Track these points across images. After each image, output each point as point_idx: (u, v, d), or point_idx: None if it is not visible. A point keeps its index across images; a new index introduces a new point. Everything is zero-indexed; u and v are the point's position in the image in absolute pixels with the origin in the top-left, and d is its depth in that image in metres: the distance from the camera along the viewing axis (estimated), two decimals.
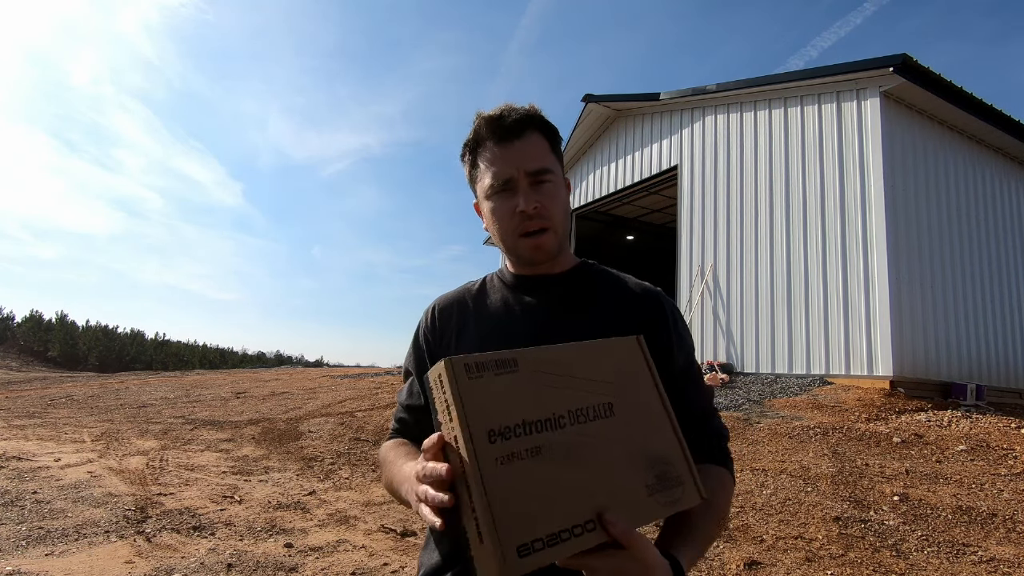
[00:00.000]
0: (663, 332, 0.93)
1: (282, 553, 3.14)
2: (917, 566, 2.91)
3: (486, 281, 1.06)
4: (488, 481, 0.57)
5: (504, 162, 0.91)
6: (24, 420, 7.02)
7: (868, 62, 7.42)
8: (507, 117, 0.92)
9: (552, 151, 0.95)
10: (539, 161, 0.92)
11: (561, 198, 0.95)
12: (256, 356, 30.72)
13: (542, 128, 0.94)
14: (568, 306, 0.96)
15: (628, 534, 0.61)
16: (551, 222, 0.92)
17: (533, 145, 0.92)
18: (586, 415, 0.65)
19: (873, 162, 7.49)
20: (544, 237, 0.92)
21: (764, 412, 6.17)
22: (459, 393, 0.61)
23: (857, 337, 7.39)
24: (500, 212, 0.93)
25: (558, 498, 0.60)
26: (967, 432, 5.33)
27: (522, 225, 0.91)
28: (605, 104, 11.88)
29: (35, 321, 25.06)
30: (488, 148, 0.93)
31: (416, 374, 1.04)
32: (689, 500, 0.67)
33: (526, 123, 0.92)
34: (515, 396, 0.63)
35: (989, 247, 8.66)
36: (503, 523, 0.56)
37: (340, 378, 11.06)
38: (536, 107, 0.96)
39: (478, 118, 0.94)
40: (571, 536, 0.59)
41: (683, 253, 10.21)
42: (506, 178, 0.91)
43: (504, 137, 0.92)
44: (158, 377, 13.79)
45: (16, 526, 3.35)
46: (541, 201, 0.91)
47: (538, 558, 0.56)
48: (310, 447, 5.75)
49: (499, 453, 0.59)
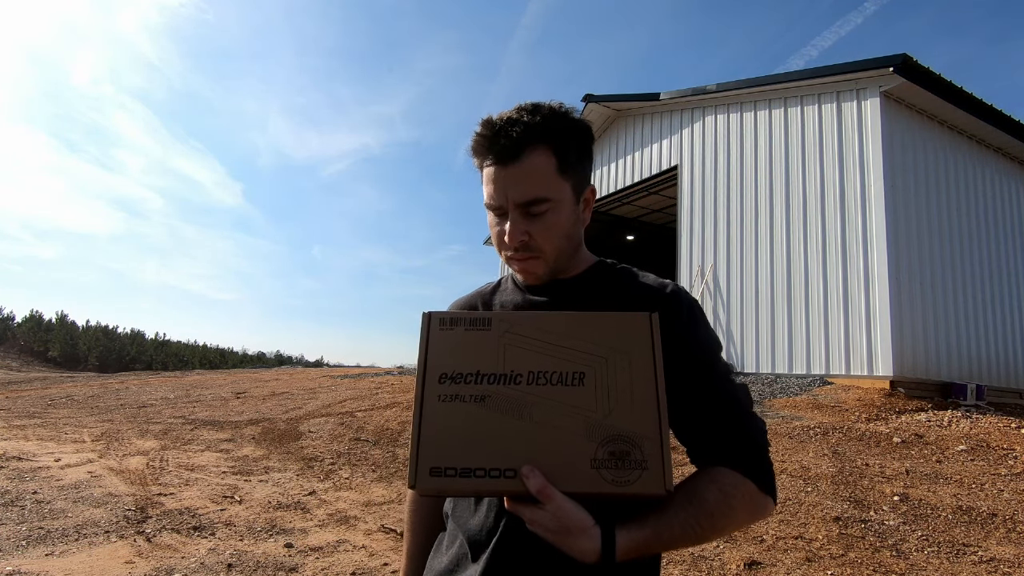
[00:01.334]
0: (676, 323, 0.85)
1: (282, 553, 3.14)
2: (917, 566, 2.91)
3: (501, 282, 1.04)
4: (426, 412, 0.68)
5: (495, 186, 0.84)
6: (24, 420, 7.02)
7: (868, 62, 7.42)
8: (503, 135, 0.82)
9: (560, 169, 0.85)
10: (533, 191, 0.83)
11: (560, 224, 0.86)
12: (256, 356, 30.73)
13: (551, 140, 0.83)
14: (580, 309, 0.91)
15: (545, 490, 0.64)
16: (540, 252, 0.87)
17: (530, 169, 0.82)
18: (547, 379, 0.70)
19: (873, 162, 7.49)
20: (531, 263, 0.88)
21: (764, 412, 6.17)
22: (427, 339, 0.72)
23: (857, 337, 7.39)
24: (493, 231, 0.90)
25: (487, 441, 0.67)
26: (967, 432, 5.33)
27: (510, 250, 0.88)
28: (605, 104, 11.88)
29: (35, 321, 25.07)
30: (485, 164, 0.86)
31: None
32: (647, 487, 0.65)
33: (526, 141, 0.82)
34: (477, 350, 0.71)
35: (989, 247, 8.66)
36: (425, 446, 0.67)
37: (340, 378, 11.06)
38: (559, 108, 0.86)
39: (479, 124, 0.86)
40: (486, 475, 0.66)
41: (683, 253, 10.21)
42: (496, 204, 0.85)
43: (499, 159, 0.83)
44: (158, 377, 13.79)
45: (16, 526, 3.35)
46: (532, 231, 0.84)
47: (446, 483, 0.66)
48: (310, 447, 5.75)
49: (443, 392, 0.69)
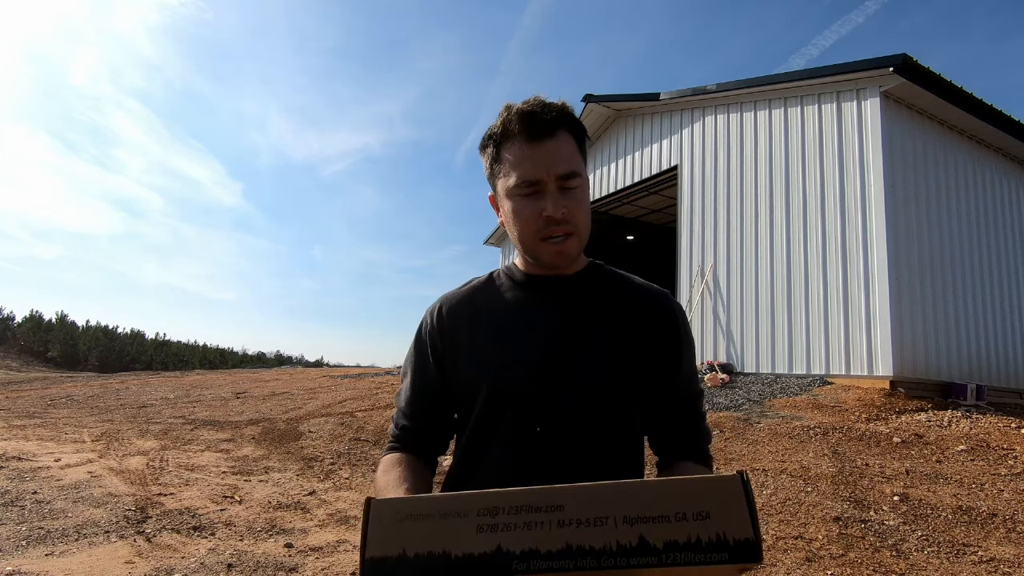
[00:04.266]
0: (674, 341, 0.95)
1: (282, 553, 3.14)
2: (917, 566, 2.91)
3: (493, 278, 1.03)
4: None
5: (534, 163, 0.87)
6: (24, 420, 7.02)
7: (868, 62, 7.42)
8: (542, 115, 0.87)
9: (580, 152, 0.91)
10: (569, 164, 0.88)
11: (587, 203, 0.92)
12: (256, 356, 30.69)
13: (572, 128, 0.90)
14: (583, 307, 0.94)
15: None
16: (576, 228, 0.90)
17: (564, 146, 0.88)
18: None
19: (873, 162, 7.49)
20: (568, 243, 0.90)
21: (764, 412, 6.17)
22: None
23: (857, 337, 7.39)
24: (524, 214, 0.89)
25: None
26: (967, 432, 5.33)
27: (547, 229, 0.88)
28: (605, 104, 11.88)
29: (35, 321, 25.06)
30: (517, 145, 0.88)
31: (419, 375, 1.00)
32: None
33: (559, 122, 0.88)
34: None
35: (989, 247, 8.66)
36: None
37: (340, 378, 11.07)
38: (567, 103, 0.91)
39: (508, 111, 0.89)
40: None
41: (683, 253, 10.21)
42: (535, 179, 0.87)
43: (536, 136, 0.87)
44: (158, 377, 13.79)
45: (16, 526, 3.35)
46: (568, 206, 0.88)
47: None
48: (310, 447, 5.75)
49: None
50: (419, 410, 0.99)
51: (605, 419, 0.90)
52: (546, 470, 0.86)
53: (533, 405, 0.89)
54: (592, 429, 0.89)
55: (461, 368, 0.95)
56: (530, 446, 0.88)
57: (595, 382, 0.89)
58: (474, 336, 0.95)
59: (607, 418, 0.90)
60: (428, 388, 0.99)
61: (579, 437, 0.88)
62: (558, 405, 0.88)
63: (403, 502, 0.60)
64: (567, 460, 0.87)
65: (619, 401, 0.91)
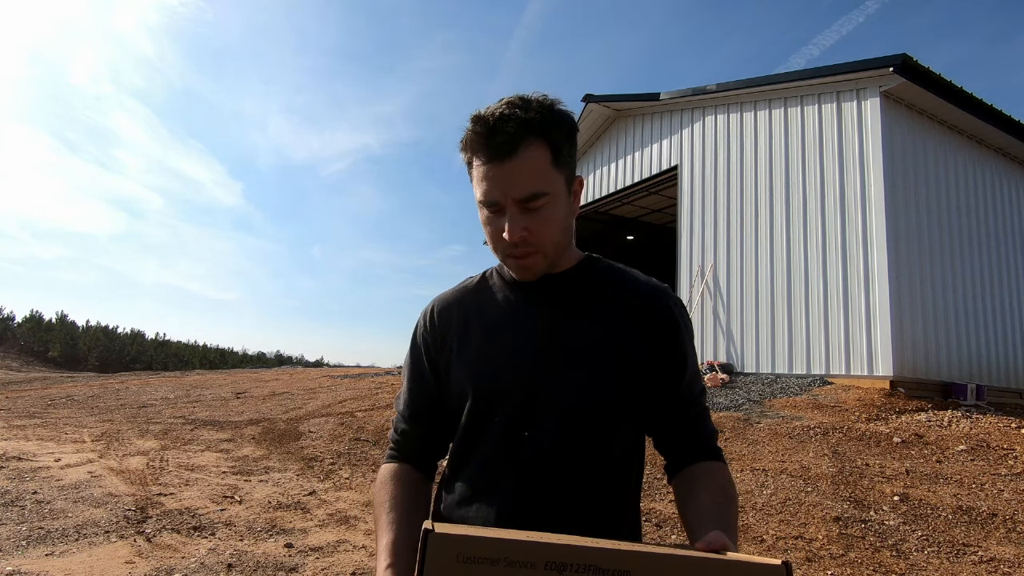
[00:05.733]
0: (674, 341, 0.91)
1: (282, 553, 3.14)
2: (917, 566, 2.91)
3: (486, 277, 1.01)
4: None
5: (491, 184, 0.82)
6: (24, 420, 7.02)
7: (868, 62, 7.42)
8: (499, 131, 0.80)
9: (554, 162, 0.84)
10: (530, 185, 0.81)
11: (557, 217, 0.85)
12: (256, 356, 30.68)
13: (545, 134, 0.82)
14: (575, 305, 0.92)
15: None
16: (540, 246, 0.85)
17: (527, 164, 0.81)
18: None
19: (873, 162, 7.49)
20: (530, 259, 0.86)
21: (764, 412, 6.17)
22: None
23: (857, 337, 7.39)
24: (489, 228, 0.86)
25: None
26: (967, 432, 5.33)
27: (508, 247, 0.85)
28: (605, 104, 11.88)
29: (35, 321, 25.06)
30: (478, 161, 0.83)
31: (415, 379, 0.99)
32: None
33: (521, 136, 0.80)
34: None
35: (989, 247, 8.67)
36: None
37: (340, 378, 11.07)
38: (546, 100, 0.84)
39: (473, 122, 0.83)
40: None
41: (683, 253, 10.21)
42: (493, 201, 0.83)
43: (494, 155, 0.81)
44: (158, 377, 13.78)
45: (16, 526, 3.35)
46: (531, 227, 0.83)
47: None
48: (310, 447, 5.75)
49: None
50: (417, 414, 0.98)
51: (595, 423, 0.87)
52: (534, 475, 0.85)
53: (520, 408, 0.87)
54: (581, 433, 0.86)
55: (452, 370, 0.94)
56: (518, 450, 0.86)
57: (585, 385, 0.86)
58: (463, 338, 0.94)
59: (597, 422, 0.87)
60: (424, 392, 0.97)
61: (568, 441, 0.85)
62: (546, 408, 0.86)
63: (466, 541, 0.58)
64: (555, 465, 0.85)
65: (610, 404, 0.88)
